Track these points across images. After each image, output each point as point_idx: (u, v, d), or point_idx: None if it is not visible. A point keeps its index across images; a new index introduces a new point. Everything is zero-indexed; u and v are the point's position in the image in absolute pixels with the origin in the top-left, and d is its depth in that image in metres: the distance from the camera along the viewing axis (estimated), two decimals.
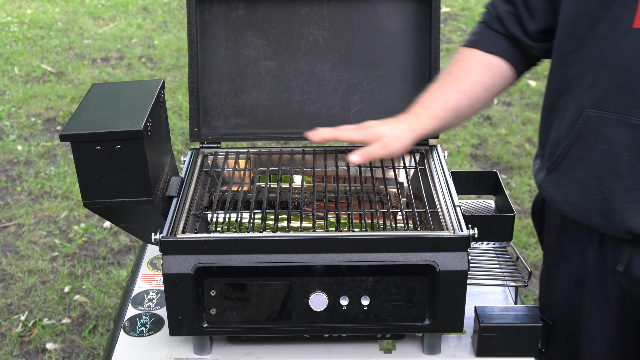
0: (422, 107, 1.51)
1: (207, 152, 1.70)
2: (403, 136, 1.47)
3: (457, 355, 1.46)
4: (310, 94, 1.73)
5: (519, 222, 3.53)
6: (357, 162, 1.43)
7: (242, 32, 1.70)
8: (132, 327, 1.56)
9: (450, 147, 4.24)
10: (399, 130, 1.47)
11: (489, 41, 1.53)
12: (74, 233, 3.51)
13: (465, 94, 1.51)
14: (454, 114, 1.51)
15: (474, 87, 1.51)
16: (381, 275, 1.35)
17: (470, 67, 1.52)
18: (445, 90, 1.51)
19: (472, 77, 1.51)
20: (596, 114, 1.33)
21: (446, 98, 1.50)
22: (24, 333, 2.89)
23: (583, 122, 1.35)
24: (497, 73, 1.53)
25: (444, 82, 1.53)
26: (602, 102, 1.32)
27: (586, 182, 1.38)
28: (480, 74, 1.52)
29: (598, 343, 1.50)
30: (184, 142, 4.35)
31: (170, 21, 6.46)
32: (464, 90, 1.51)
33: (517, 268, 1.66)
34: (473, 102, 1.52)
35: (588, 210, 1.39)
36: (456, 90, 1.50)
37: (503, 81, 1.54)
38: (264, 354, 1.47)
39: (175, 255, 1.33)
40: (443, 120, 1.51)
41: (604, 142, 1.33)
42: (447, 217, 1.41)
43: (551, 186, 1.45)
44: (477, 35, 1.55)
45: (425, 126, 1.50)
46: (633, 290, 1.42)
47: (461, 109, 1.52)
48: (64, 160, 4.18)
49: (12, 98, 4.97)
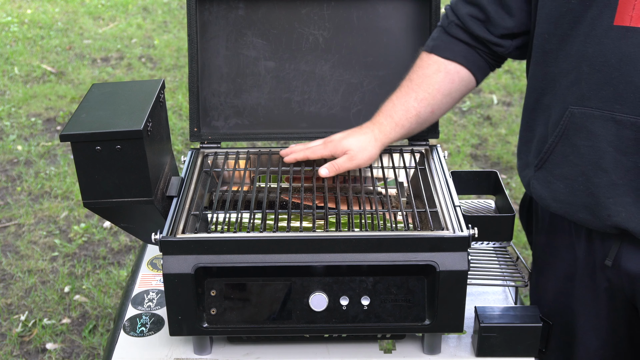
0: (384, 117, 1.56)
1: (207, 152, 1.70)
2: (368, 147, 1.54)
3: (457, 355, 1.46)
4: (310, 94, 1.73)
5: (519, 222, 3.52)
6: (326, 175, 1.53)
7: (242, 32, 1.70)
8: (132, 327, 1.56)
9: (450, 147, 4.24)
10: (363, 142, 1.54)
11: (447, 47, 1.54)
12: (74, 233, 3.51)
13: (425, 101, 1.54)
14: (415, 121, 1.56)
15: (433, 95, 1.54)
16: (381, 275, 1.35)
17: (430, 75, 1.54)
18: (407, 99, 1.55)
19: (431, 85, 1.53)
20: (580, 110, 1.34)
21: (407, 107, 1.54)
22: (24, 333, 2.89)
23: (567, 119, 1.36)
24: (456, 79, 1.54)
25: (404, 89, 1.56)
26: (586, 98, 1.33)
27: (572, 178, 1.39)
28: (439, 81, 1.53)
29: (591, 337, 1.51)
30: (184, 142, 4.35)
31: (170, 21, 6.46)
32: (423, 98, 1.54)
33: (517, 268, 1.66)
34: (434, 109, 1.56)
35: (575, 207, 1.40)
36: (416, 98, 1.54)
37: (463, 86, 1.56)
38: (264, 354, 1.47)
39: (175, 255, 1.33)
40: (405, 128, 1.56)
41: (588, 138, 1.34)
42: (447, 217, 1.41)
43: (538, 184, 1.46)
44: (435, 40, 1.56)
45: (389, 135, 1.56)
46: (622, 284, 1.43)
47: (422, 116, 1.56)
48: (64, 160, 4.18)
49: (12, 98, 4.97)
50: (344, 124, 1.73)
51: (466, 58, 1.53)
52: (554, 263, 1.55)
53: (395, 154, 1.70)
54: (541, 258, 1.60)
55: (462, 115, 4.63)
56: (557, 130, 1.39)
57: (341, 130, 1.71)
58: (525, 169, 1.52)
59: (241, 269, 1.34)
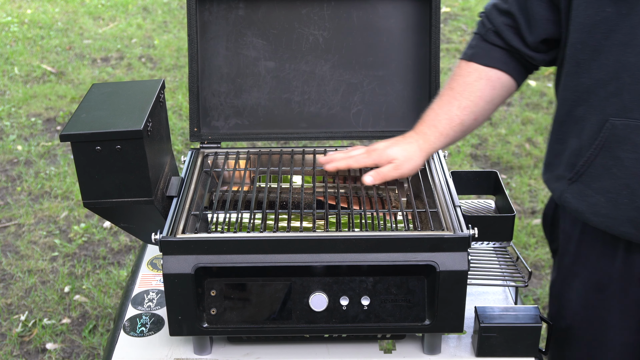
0: (428, 127, 1.54)
1: (207, 152, 1.70)
2: (414, 157, 1.52)
3: (457, 355, 1.46)
4: (310, 94, 1.73)
5: (519, 222, 3.53)
6: (371, 183, 1.51)
7: (242, 32, 1.70)
8: (132, 327, 1.56)
9: (450, 147, 4.24)
10: (409, 151, 1.52)
11: (486, 54, 1.53)
12: (74, 233, 3.51)
13: (468, 109, 1.53)
14: (459, 129, 1.55)
15: (476, 102, 1.53)
16: (381, 275, 1.35)
17: (471, 82, 1.53)
18: (449, 108, 1.54)
19: (473, 92, 1.53)
20: (622, 122, 1.32)
21: (451, 115, 1.53)
22: (24, 333, 2.89)
23: (608, 131, 1.34)
24: (498, 85, 1.54)
25: (446, 98, 1.55)
26: (628, 110, 1.31)
27: (615, 191, 1.36)
28: (481, 88, 1.53)
29: (619, 351, 1.49)
30: (184, 142, 4.35)
31: (170, 21, 6.46)
32: (466, 106, 1.53)
33: (517, 268, 1.66)
34: (477, 116, 1.55)
35: (617, 220, 1.38)
36: (459, 107, 1.53)
37: (504, 92, 1.56)
38: (264, 354, 1.47)
39: (175, 255, 1.33)
40: (449, 137, 1.55)
41: (633, 150, 1.31)
42: (447, 217, 1.41)
43: (573, 197, 1.43)
44: (473, 48, 1.56)
45: (434, 145, 1.54)
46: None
47: (466, 124, 1.55)
48: (64, 160, 4.18)
49: (12, 98, 4.97)
50: (344, 124, 1.73)
51: (506, 64, 1.53)
52: (582, 273, 1.52)
53: None
54: (567, 268, 1.56)
55: None
56: (595, 143, 1.36)
57: (341, 129, 1.71)
58: (556, 182, 1.49)
59: (241, 269, 1.34)
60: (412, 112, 1.72)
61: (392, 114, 1.73)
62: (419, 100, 1.72)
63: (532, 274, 3.13)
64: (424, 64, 1.71)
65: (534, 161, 4.08)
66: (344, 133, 1.73)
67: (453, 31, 6.05)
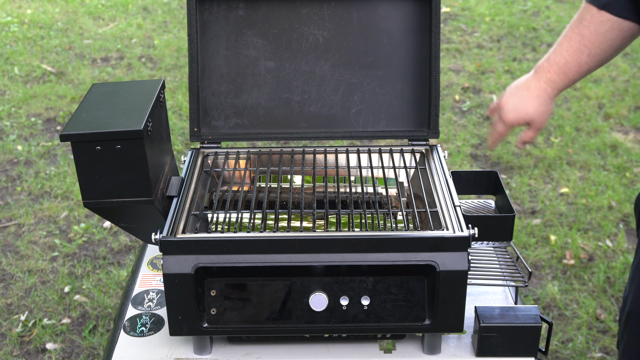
0: (557, 74, 1.62)
1: (207, 152, 1.70)
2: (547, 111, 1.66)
3: (457, 355, 1.46)
4: (310, 94, 1.73)
5: (519, 222, 3.53)
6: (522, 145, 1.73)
7: (242, 32, 1.70)
8: (132, 327, 1.56)
9: (450, 147, 4.24)
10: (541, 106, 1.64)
11: (619, 4, 1.56)
12: (74, 233, 3.51)
13: (597, 57, 1.59)
14: (585, 74, 1.62)
15: (606, 51, 1.59)
16: (381, 275, 1.35)
17: (603, 32, 1.57)
18: (579, 55, 1.60)
19: (605, 42, 1.58)
20: None
21: (580, 63, 1.60)
22: (24, 333, 2.89)
23: None
24: (629, 35, 1.58)
25: (576, 45, 1.60)
26: None
27: None
28: (613, 38, 1.57)
29: None
30: (184, 142, 4.35)
31: (170, 21, 6.46)
32: (596, 54, 1.59)
33: (517, 268, 1.66)
34: (603, 63, 1.62)
35: None
36: (589, 55, 1.59)
37: (632, 40, 1.61)
38: (264, 354, 1.47)
39: (176, 255, 1.33)
40: (574, 81, 1.63)
41: None
42: (447, 217, 1.41)
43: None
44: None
45: (560, 90, 1.64)
46: None
47: (592, 70, 1.62)
48: (64, 160, 4.18)
49: (12, 98, 4.97)
50: (344, 124, 1.73)
51: (638, 14, 1.55)
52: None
53: (395, 154, 1.70)
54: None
55: (462, 115, 4.63)
56: None
57: (341, 129, 1.71)
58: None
59: (241, 269, 1.34)
60: (412, 112, 1.72)
61: (392, 114, 1.73)
62: (419, 100, 1.72)
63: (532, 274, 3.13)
64: (424, 64, 1.71)
65: (534, 161, 4.08)
66: (344, 133, 1.73)
67: (453, 31, 6.04)
